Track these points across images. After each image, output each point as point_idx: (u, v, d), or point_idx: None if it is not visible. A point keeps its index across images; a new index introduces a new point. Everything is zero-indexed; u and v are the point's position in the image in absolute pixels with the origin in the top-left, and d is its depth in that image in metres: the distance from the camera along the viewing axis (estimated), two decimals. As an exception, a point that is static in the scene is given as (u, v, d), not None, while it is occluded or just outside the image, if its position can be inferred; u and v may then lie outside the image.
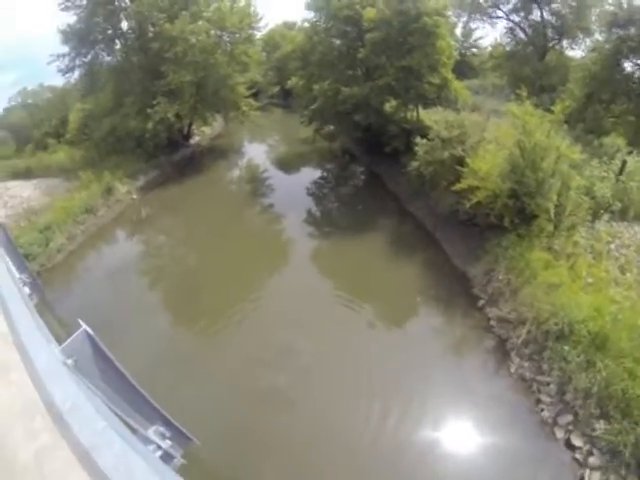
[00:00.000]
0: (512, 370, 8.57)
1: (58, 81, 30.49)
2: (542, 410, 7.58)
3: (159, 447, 2.66)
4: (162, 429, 2.72)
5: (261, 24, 27.58)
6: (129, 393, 2.72)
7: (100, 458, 1.68)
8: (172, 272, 13.99)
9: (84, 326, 2.56)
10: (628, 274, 9.79)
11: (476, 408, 7.81)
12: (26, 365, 2.79)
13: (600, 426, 6.75)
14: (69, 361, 2.54)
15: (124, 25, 24.87)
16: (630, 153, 14.85)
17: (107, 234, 17.13)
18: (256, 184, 23.54)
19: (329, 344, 9.39)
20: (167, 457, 2.68)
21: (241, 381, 8.41)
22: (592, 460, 6.46)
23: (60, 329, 8.20)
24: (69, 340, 2.62)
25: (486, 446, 7.15)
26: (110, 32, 24.45)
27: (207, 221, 17.48)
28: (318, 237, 16.27)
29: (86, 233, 16.31)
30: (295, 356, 8.97)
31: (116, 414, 2.58)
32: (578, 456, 6.60)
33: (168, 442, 2.68)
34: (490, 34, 57.06)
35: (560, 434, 7.08)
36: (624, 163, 13.46)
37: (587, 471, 6.35)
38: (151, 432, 2.66)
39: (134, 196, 20.36)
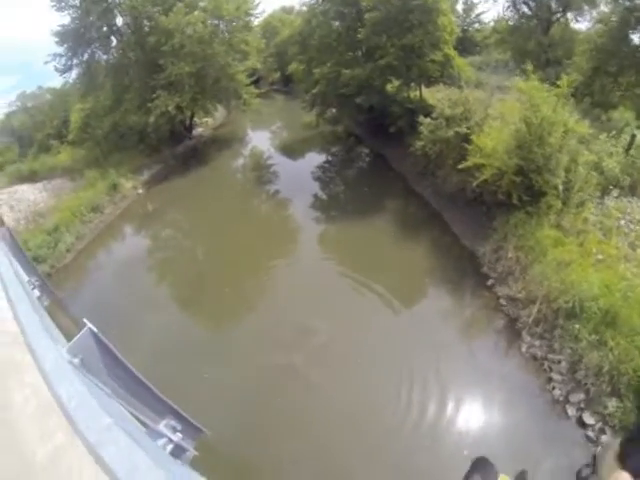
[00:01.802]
0: (523, 349, 8.55)
1: (57, 83, 30.55)
2: (553, 388, 7.58)
3: (171, 440, 2.70)
4: (173, 422, 2.75)
5: (258, 10, 27.40)
6: (137, 388, 2.75)
7: (106, 454, 1.71)
8: (181, 263, 14.15)
9: (89, 324, 2.59)
10: (639, 250, 9.59)
11: (489, 388, 7.85)
12: (37, 366, 2.84)
13: (612, 404, 6.74)
14: (75, 360, 2.57)
15: (119, 21, 24.72)
16: (639, 127, 14.46)
17: (115, 231, 17.32)
18: (261, 171, 23.52)
19: (343, 325, 9.54)
20: (179, 450, 2.71)
21: (258, 362, 8.57)
22: (605, 438, 6.44)
23: (74, 328, 8.32)
24: (74, 339, 2.66)
25: (499, 425, 7.21)
26: (105, 29, 24.26)
27: (213, 211, 17.57)
28: (326, 221, 16.26)
29: (94, 231, 16.55)
30: (311, 336, 9.14)
31: (125, 410, 2.61)
32: (590, 434, 6.61)
33: (179, 435, 2.71)
34: (492, 9, 55.70)
35: (572, 412, 7.09)
36: (633, 137, 13.06)
37: (599, 449, 6.36)
38: (162, 426, 2.68)
39: (139, 191, 20.50)
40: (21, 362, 3.15)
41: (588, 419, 6.82)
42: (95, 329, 2.85)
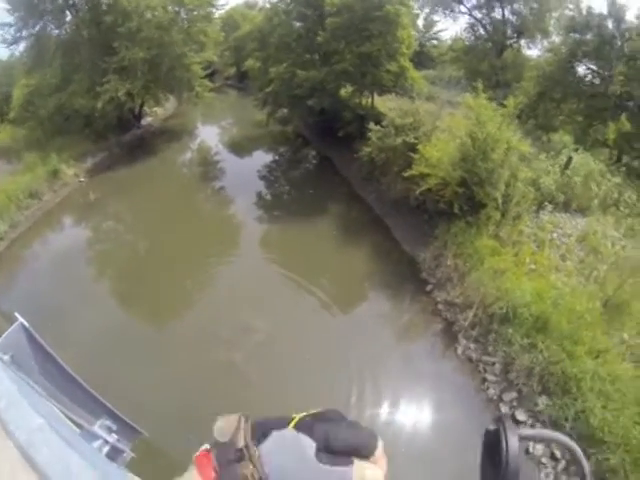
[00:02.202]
0: (459, 352, 8.95)
1: (2, 54, 27.83)
2: (488, 388, 8.03)
3: (106, 442, 2.55)
4: (108, 423, 2.61)
5: (221, 2, 26.89)
6: (71, 387, 2.58)
7: (38, 456, 1.62)
8: (122, 257, 13.55)
9: (20, 319, 2.42)
10: (568, 262, 10.39)
11: (426, 388, 8.18)
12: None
13: (542, 402, 7.28)
14: (5, 357, 2.39)
15: (76, -5, 23.01)
16: (576, 150, 15.74)
17: (53, 220, 16.18)
18: (208, 167, 23.08)
19: (283, 325, 9.50)
20: (115, 452, 2.58)
21: (197, 360, 8.34)
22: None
23: (5, 324, 7.72)
24: (4, 335, 2.47)
25: (438, 422, 7.52)
26: (61, 2, 22.50)
27: (157, 205, 16.96)
28: (269, 221, 16.21)
29: (30, 219, 15.32)
30: (252, 334, 9.04)
31: (57, 410, 2.46)
32: (523, 430, 7.13)
33: (115, 436, 2.57)
34: (451, 28, 58.30)
35: (505, 410, 7.54)
36: (570, 159, 14.13)
37: (531, 443, 6.85)
38: (97, 427, 2.54)
39: (82, 179, 19.30)
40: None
41: (520, 416, 7.31)
42: (27, 324, 2.68)
